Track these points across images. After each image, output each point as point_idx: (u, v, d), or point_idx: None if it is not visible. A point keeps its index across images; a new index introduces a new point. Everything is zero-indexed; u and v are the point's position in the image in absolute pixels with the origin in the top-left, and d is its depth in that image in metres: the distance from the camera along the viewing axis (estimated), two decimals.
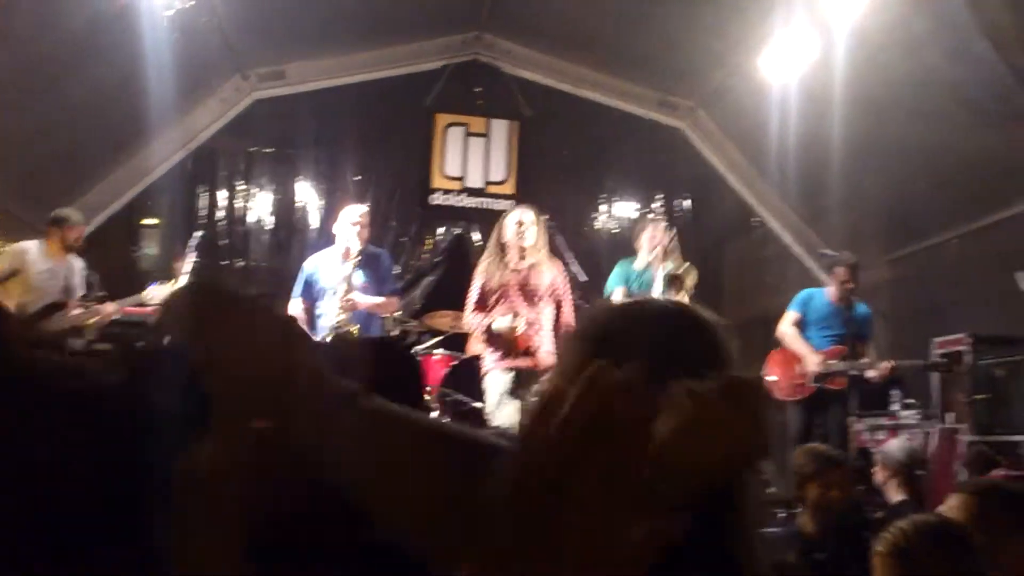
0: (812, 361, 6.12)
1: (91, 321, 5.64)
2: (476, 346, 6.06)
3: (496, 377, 5.37)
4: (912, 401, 7.20)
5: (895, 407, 7.06)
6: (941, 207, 7.09)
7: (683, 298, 5.83)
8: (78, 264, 5.88)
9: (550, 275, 5.52)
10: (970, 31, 5.55)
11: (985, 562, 2.30)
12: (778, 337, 6.49)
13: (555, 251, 7.83)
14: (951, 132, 6.38)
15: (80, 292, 5.80)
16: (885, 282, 8.07)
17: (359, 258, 5.48)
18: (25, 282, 5.56)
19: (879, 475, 4.46)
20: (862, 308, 6.48)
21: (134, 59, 6.38)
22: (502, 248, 5.45)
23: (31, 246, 5.72)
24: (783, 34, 6.65)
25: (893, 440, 6.59)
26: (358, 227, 5.51)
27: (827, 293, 6.49)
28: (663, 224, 6.45)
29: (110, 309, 5.57)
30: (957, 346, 6.65)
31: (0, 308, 1.17)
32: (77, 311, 5.65)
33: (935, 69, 6.01)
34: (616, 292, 5.97)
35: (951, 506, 2.92)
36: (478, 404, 6.38)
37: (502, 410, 5.28)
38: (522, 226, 5.41)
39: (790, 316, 6.46)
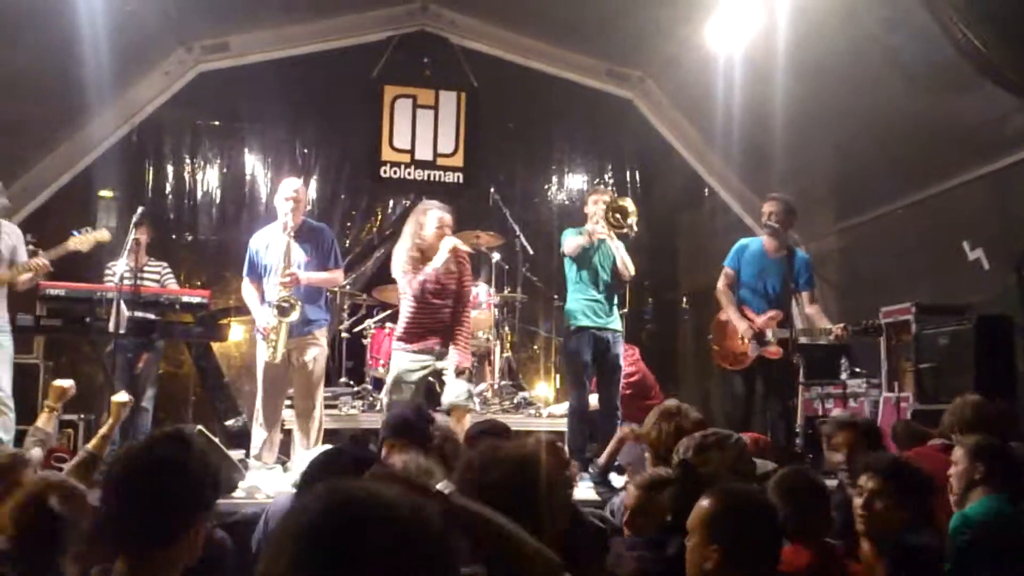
0: (743, 328, 5.83)
1: (24, 277, 5.55)
2: None
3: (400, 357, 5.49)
4: (860, 370, 7.33)
5: (843, 375, 7.19)
6: (887, 177, 7.17)
7: (630, 227, 5.81)
8: (10, 229, 5.75)
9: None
10: (909, 1, 5.60)
11: None
12: (716, 297, 6.24)
13: (504, 224, 7.88)
14: (893, 101, 6.44)
15: (22, 257, 5.68)
16: (834, 251, 8.17)
17: (295, 233, 5.44)
18: None
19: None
20: (800, 255, 6.06)
21: (74, 30, 6.27)
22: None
23: None
24: (728, 4, 6.67)
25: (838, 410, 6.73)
26: (292, 202, 5.46)
27: (763, 242, 6.08)
28: (608, 190, 6.43)
29: (41, 262, 5.46)
30: (903, 315, 6.76)
31: None
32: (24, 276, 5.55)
33: (874, 38, 6.06)
34: (571, 237, 5.95)
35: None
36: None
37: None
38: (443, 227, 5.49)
39: (724, 273, 6.11)
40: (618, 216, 5.80)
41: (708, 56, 7.26)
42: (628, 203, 5.90)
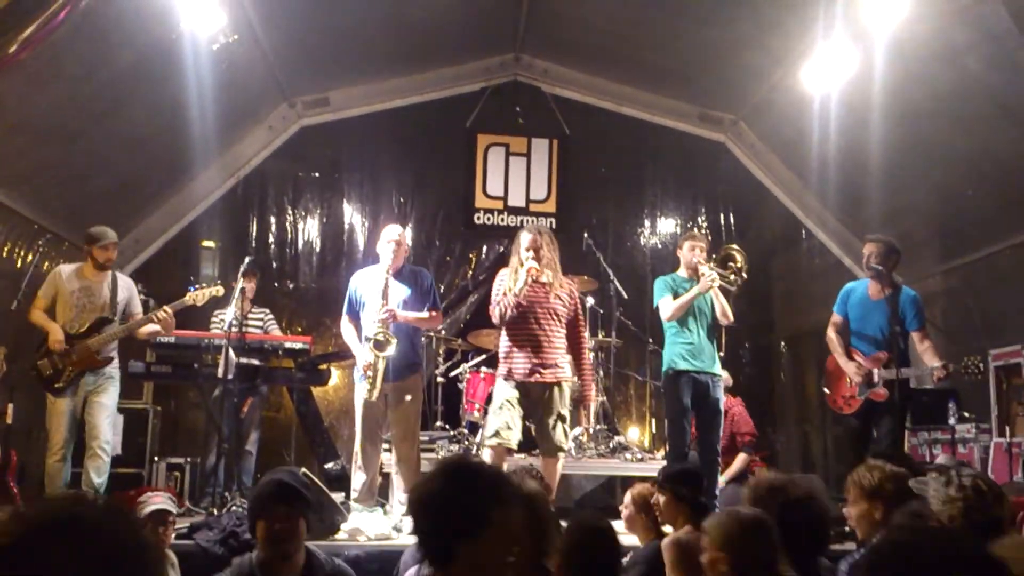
0: (851, 372, 5.71)
1: (149, 329, 5.81)
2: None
3: (501, 387, 5.42)
4: (968, 414, 7.04)
5: (951, 420, 6.91)
6: (991, 217, 6.94)
7: (739, 276, 5.74)
8: (125, 282, 6.05)
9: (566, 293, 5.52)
10: (1012, 40, 5.46)
11: None
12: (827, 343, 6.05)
13: (597, 269, 7.89)
14: (996, 140, 6.27)
15: (137, 310, 5.96)
16: (938, 293, 7.91)
17: (396, 273, 5.57)
18: (63, 303, 5.77)
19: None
20: (907, 292, 5.81)
21: (183, 92, 6.61)
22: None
23: (65, 268, 5.93)
24: (824, 47, 6.61)
25: (942, 456, 6.46)
26: (393, 244, 5.59)
27: (868, 285, 5.91)
28: (702, 234, 6.38)
29: (163, 315, 5.73)
30: (1014, 357, 6.50)
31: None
32: (148, 328, 5.82)
33: (976, 78, 5.92)
34: (665, 301, 5.90)
35: None
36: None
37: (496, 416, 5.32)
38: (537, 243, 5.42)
39: (833, 319, 5.97)
40: (729, 264, 5.78)
41: (802, 98, 7.19)
42: (734, 249, 5.87)
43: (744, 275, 5.79)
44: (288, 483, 3.22)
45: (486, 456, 5.32)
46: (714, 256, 5.85)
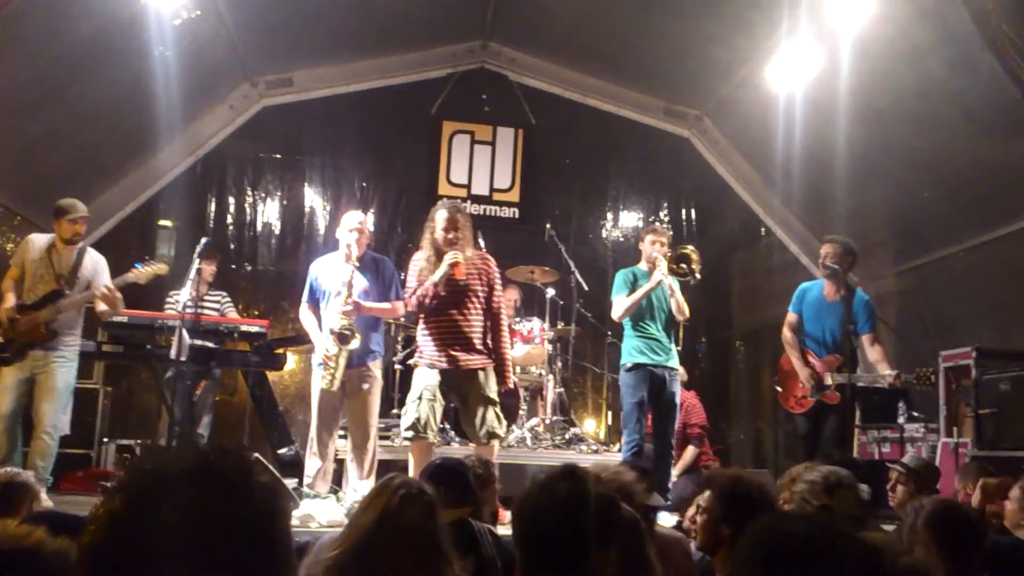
0: (804, 376, 5.76)
1: (100, 308, 5.68)
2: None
3: (421, 375, 5.36)
4: (917, 414, 7.17)
5: (900, 419, 7.03)
6: (948, 219, 7.05)
7: (692, 276, 5.76)
8: (92, 258, 5.89)
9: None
10: (974, 43, 5.53)
11: None
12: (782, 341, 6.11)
13: (558, 260, 7.89)
14: (955, 143, 6.36)
15: (103, 282, 5.81)
16: (892, 294, 8.03)
17: (358, 263, 5.50)
18: (27, 272, 5.64)
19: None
20: (860, 296, 5.85)
21: (143, 67, 6.48)
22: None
23: (37, 237, 5.79)
24: (789, 45, 6.65)
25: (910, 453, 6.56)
26: (356, 233, 5.53)
27: (823, 285, 5.96)
28: (663, 228, 6.39)
29: (102, 292, 5.59)
30: (963, 359, 6.61)
31: None
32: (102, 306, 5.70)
33: (938, 80, 6.00)
34: (619, 300, 5.91)
35: None
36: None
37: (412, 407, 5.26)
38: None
39: (788, 318, 6.01)
40: (682, 265, 5.77)
41: (768, 96, 7.23)
42: (690, 250, 5.85)
43: (697, 275, 5.80)
44: None
45: (410, 453, 5.28)
46: (667, 255, 5.85)
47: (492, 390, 5.31)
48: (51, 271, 5.68)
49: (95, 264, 5.85)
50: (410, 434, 5.20)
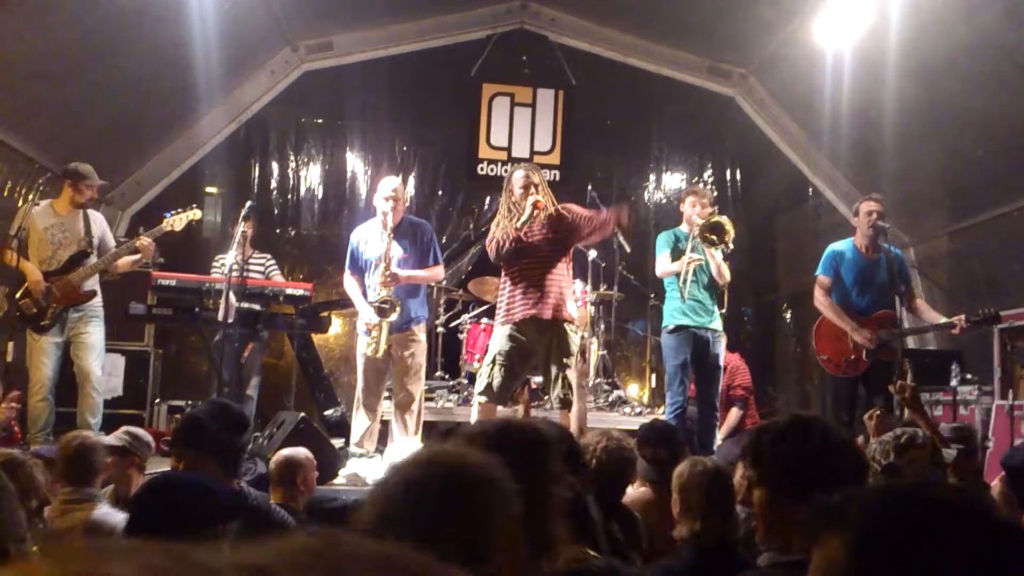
0: (862, 336, 5.63)
1: (129, 259, 5.82)
2: None
3: (499, 334, 5.36)
4: (971, 376, 7.02)
5: (954, 382, 6.89)
6: (1002, 178, 6.85)
7: (726, 245, 5.66)
8: (97, 217, 6.04)
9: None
10: None
11: None
12: (816, 307, 6.03)
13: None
14: (1011, 100, 6.15)
15: (111, 244, 5.96)
16: (944, 255, 7.86)
17: (395, 229, 5.51)
18: (37, 240, 5.75)
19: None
20: (895, 251, 5.81)
21: (183, 33, 6.50)
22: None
23: (38, 205, 5.90)
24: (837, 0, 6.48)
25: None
26: (391, 201, 5.53)
27: (856, 243, 5.88)
28: (705, 189, 6.30)
29: (144, 242, 5.74)
30: (1019, 320, 6.46)
31: None
32: (126, 258, 5.83)
33: (993, 34, 5.80)
34: (662, 258, 5.86)
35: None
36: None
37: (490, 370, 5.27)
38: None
39: (821, 281, 5.91)
40: (713, 236, 5.66)
41: (815, 52, 7.06)
42: (724, 220, 5.71)
43: (730, 245, 5.70)
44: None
45: (474, 412, 5.30)
46: (710, 215, 5.73)
47: (569, 353, 5.26)
48: (68, 234, 5.80)
49: (100, 222, 6.02)
50: (483, 398, 5.22)
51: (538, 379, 6.18)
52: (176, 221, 5.96)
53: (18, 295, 5.65)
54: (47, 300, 5.61)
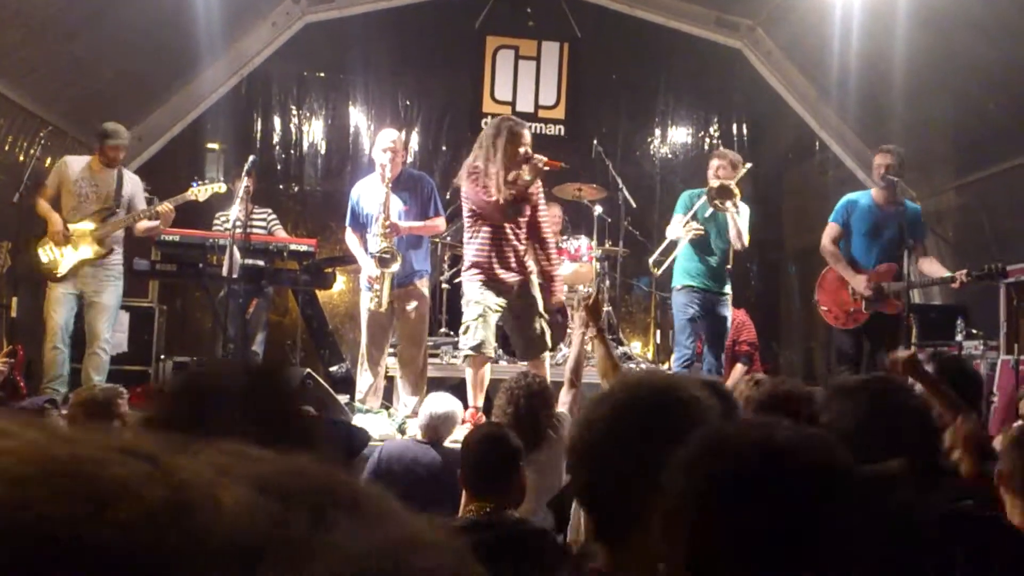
0: (859, 284, 5.61)
1: (147, 224, 5.85)
2: None
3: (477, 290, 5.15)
4: (976, 331, 7.00)
5: (959, 337, 6.87)
6: (1012, 132, 6.77)
7: (734, 208, 5.60)
8: (131, 178, 6.06)
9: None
10: None
11: None
12: (822, 254, 5.99)
13: (605, 177, 7.76)
14: (1021, 51, 6.06)
15: (141, 207, 5.97)
16: (951, 209, 7.80)
17: (394, 182, 5.46)
18: (67, 192, 5.78)
19: None
20: (911, 206, 5.80)
21: None
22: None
23: (71, 158, 5.95)
24: None
25: None
26: (389, 152, 5.47)
27: (873, 195, 5.85)
28: (725, 151, 6.22)
29: (166, 208, 5.77)
30: None
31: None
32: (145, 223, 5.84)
33: None
34: (675, 220, 5.82)
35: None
36: None
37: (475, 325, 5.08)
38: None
39: (830, 229, 5.86)
40: (719, 201, 5.59)
41: (823, 3, 6.95)
42: (733, 185, 5.63)
43: (737, 207, 5.66)
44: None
45: (468, 366, 5.19)
46: (730, 177, 5.67)
47: (538, 300, 5.24)
48: (95, 190, 5.80)
49: (134, 184, 6.03)
50: (471, 352, 5.10)
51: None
52: (201, 191, 5.99)
53: (39, 243, 5.67)
54: (63, 247, 5.65)
